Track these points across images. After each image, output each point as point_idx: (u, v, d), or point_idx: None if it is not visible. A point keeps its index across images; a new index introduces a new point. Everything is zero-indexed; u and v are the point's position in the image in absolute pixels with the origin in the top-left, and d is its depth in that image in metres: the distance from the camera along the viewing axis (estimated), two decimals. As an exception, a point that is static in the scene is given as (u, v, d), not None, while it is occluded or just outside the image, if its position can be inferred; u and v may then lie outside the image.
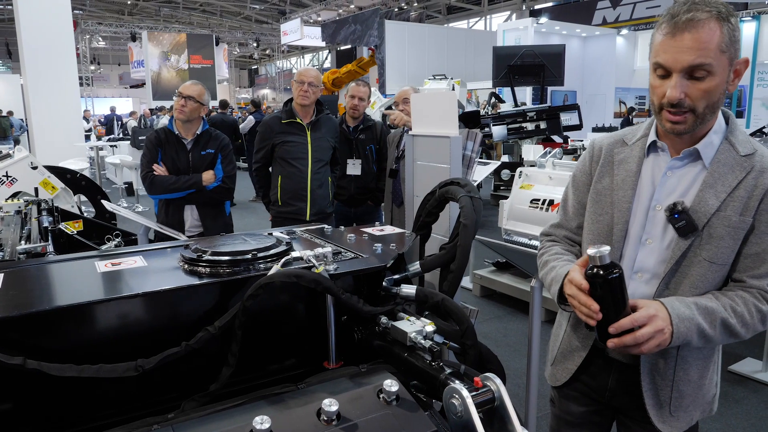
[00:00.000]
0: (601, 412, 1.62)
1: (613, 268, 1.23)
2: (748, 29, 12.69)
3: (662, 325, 1.26)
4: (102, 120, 20.87)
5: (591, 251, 1.23)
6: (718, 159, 1.36)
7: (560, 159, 5.37)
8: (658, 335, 1.26)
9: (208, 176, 3.42)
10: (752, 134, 6.81)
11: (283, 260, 1.29)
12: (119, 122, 18.81)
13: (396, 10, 24.38)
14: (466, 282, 5.70)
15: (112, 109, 21.01)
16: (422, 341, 1.18)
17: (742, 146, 1.37)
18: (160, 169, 3.38)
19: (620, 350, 1.30)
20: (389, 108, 4.41)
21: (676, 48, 1.25)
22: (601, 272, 1.23)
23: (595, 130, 10.70)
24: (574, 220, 1.61)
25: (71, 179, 3.95)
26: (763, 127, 7.58)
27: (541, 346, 2.34)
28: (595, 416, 1.63)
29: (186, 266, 1.32)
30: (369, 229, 1.80)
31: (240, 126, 12.04)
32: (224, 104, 12.65)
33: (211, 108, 14.09)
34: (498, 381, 1.03)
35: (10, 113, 17.00)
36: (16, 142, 15.46)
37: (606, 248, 1.23)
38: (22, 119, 16.60)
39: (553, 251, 1.60)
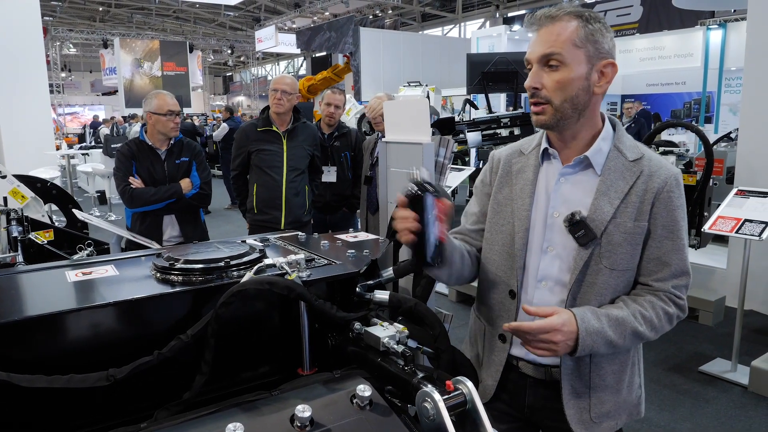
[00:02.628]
0: (523, 428, 1.62)
1: (426, 183, 1.28)
2: (715, 37, 12.98)
3: (558, 339, 1.30)
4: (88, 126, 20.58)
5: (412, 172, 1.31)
6: (609, 166, 1.40)
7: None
8: (551, 345, 1.31)
9: (186, 184, 3.43)
10: (719, 139, 6.94)
11: (256, 267, 1.29)
12: (91, 130, 18.53)
13: (371, 17, 24.46)
14: (442, 287, 5.72)
15: (95, 118, 20.90)
16: (395, 346, 1.19)
17: (629, 152, 1.41)
18: (136, 182, 3.35)
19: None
20: (360, 119, 4.43)
21: (534, 42, 1.35)
22: (415, 187, 1.29)
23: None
24: (474, 226, 1.63)
25: (41, 188, 3.87)
26: (730, 132, 7.76)
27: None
28: None
29: (158, 275, 1.31)
30: (343, 236, 1.81)
31: (214, 134, 11.95)
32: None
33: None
34: (470, 384, 1.04)
35: None
36: None
37: (424, 170, 1.30)
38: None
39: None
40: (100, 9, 27.22)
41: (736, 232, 3.74)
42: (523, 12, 21.91)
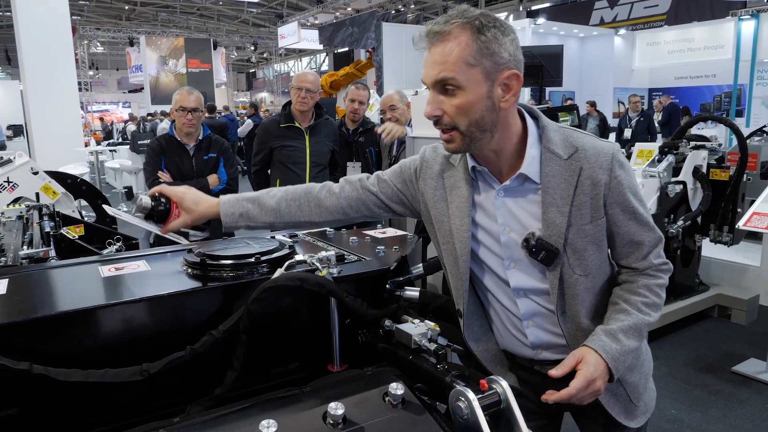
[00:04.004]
0: (548, 425, 1.58)
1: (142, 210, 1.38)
2: (747, 28, 12.67)
3: (599, 385, 1.26)
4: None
5: (140, 199, 1.38)
6: (546, 172, 1.29)
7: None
8: (595, 392, 1.27)
9: (213, 180, 3.48)
10: (753, 133, 6.76)
11: (286, 264, 1.29)
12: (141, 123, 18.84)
13: (393, 12, 24.41)
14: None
15: (130, 116, 21.30)
16: (427, 344, 1.18)
17: (561, 149, 1.30)
18: (165, 176, 3.40)
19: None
20: (381, 119, 4.40)
21: (426, 63, 1.22)
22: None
23: (594, 130, 10.72)
24: (373, 188, 1.49)
25: (72, 184, 3.93)
26: (764, 126, 7.56)
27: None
28: (543, 429, 1.58)
29: (189, 270, 1.32)
30: (371, 232, 1.80)
31: (238, 129, 12.06)
32: (212, 108, 12.72)
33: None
34: (504, 383, 1.03)
35: None
36: (1, 147, 15.49)
37: (141, 200, 1.37)
38: None
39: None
40: (126, 7, 27.64)
41: (772, 228, 3.63)
42: (547, 5, 21.65)
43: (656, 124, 11.66)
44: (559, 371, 1.27)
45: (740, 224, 3.83)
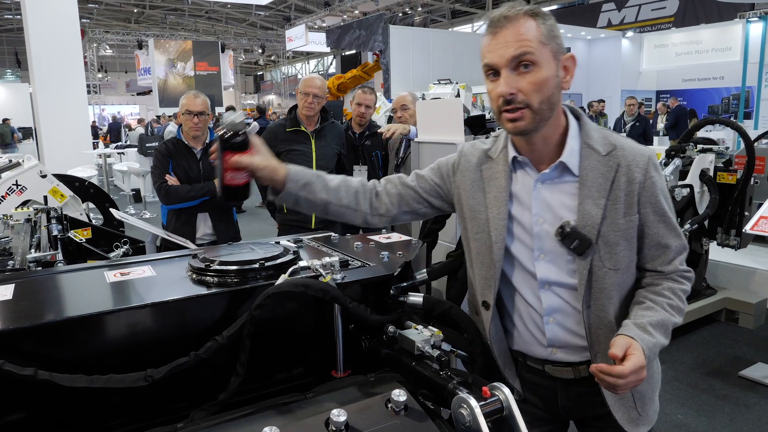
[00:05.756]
0: (554, 431, 1.58)
1: (229, 131, 1.30)
2: (755, 30, 12.61)
3: (644, 375, 1.24)
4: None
5: (233, 115, 1.32)
6: (584, 165, 1.35)
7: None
8: (638, 382, 1.24)
9: None
10: (761, 136, 6.69)
11: (290, 270, 1.29)
12: (126, 129, 18.96)
13: (400, 15, 24.44)
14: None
15: (120, 119, 21.42)
16: (430, 350, 1.18)
17: (600, 146, 1.36)
18: (172, 179, 3.41)
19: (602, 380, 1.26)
20: (390, 118, 4.45)
21: (498, 45, 1.27)
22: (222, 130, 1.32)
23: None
24: (412, 183, 1.54)
25: (80, 187, 3.95)
26: (771, 129, 7.50)
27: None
28: None
29: (194, 276, 1.32)
30: (375, 237, 1.80)
31: (246, 132, 12.12)
32: (231, 107, 12.74)
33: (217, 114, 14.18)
34: (506, 390, 1.03)
35: (7, 121, 17.32)
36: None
37: (236, 115, 1.31)
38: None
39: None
40: (135, 11, 27.81)
41: (780, 232, 3.61)
42: (555, 7, 21.60)
43: (661, 127, 11.54)
44: (617, 351, 1.24)
45: (747, 228, 3.81)
